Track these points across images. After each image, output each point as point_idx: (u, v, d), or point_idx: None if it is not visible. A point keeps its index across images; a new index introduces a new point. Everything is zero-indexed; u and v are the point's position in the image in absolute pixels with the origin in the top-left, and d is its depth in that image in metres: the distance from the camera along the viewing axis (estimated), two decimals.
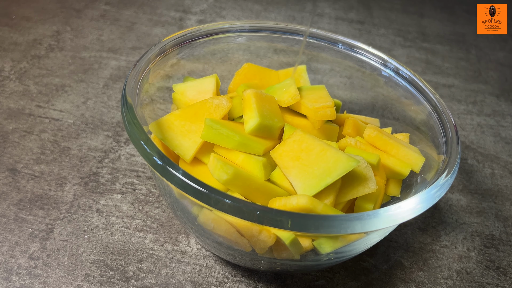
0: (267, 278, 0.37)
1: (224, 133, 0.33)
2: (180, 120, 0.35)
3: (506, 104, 0.65)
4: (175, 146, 0.34)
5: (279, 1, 0.84)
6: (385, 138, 0.37)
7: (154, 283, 0.35)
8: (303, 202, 0.29)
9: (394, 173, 0.36)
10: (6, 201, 0.40)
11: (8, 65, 0.57)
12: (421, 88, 0.41)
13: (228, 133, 0.33)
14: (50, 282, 0.35)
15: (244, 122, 0.35)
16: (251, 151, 0.34)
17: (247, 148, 0.34)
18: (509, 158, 0.54)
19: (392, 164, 0.36)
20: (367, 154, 0.35)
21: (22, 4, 0.71)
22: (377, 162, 0.34)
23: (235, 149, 0.34)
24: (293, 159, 0.32)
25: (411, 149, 0.38)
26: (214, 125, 0.33)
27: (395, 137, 0.39)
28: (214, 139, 0.34)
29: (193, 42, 0.42)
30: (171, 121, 0.35)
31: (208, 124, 0.33)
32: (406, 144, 0.39)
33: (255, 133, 0.34)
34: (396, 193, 0.37)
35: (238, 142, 0.33)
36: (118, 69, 0.59)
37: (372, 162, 0.34)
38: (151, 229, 0.40)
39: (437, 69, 0.71)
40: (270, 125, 0.35)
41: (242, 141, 0.33)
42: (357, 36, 0.77)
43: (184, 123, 0.35)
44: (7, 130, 0.48)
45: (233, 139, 0.33)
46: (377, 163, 0.34)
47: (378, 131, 0.37)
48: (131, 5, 0.76)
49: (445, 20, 0.87)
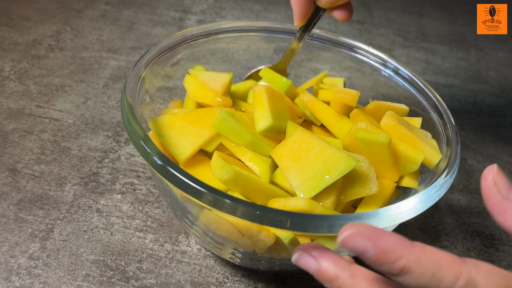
0: (267, 278, 0.37)
1: (237, 128, 0.33)
2: (182, 121, 0.35)
3: (506, 104, 0.65)
4: (171, 144, 0.34)
5: (279, 1, 0.84)
6: (403, 130, 0.35)
7: (154, 283, 0.35)
8: (301, 204, 0.29)
9: (406, 160, 0.34)
10: (6, 201, 0.40)
11: (8, 65, 0.57)
12: (421, 88, 0.41)
13: (241, 130, 0.33)
14: (50, 282, 0.35)
15: (255, 120, 0.35)
16: (259, 151, 0.34)
17: (256, 148, 0.34)
18: (509, 158, 0.54)
19: (405, 149, 0.33)
20: (377, 134, 0.32)
21: (22, 4, 0.71)
22: (388, 141, 0.32)
23: (244, 146, 0.34)
24: (292, 159, 0.32)
25: (429, 144, 0.35)
26: (228, 118, 0.33)
27: (416, 129, 0.37)
28: (226, 132, 0.34)
29: (193, 42, 0.42)
30: (172, 121, 0.35)
31: (223, 116, 0.33)
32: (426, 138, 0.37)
33: (265, 133, 0.34)
34: (414, 184, 0.35)
35: (248, 141, 0.33)
36: (118, 69, 0.59)
37: (382, 142, 0.31)
38: (151, 229, 0.40)
39: (437, 69, 0.71)
40: (280, 125, 0.35)
41: (252, 140, 0.34)
42: (357, 36, 0.77)
43: (186, 124, 0.35)
44: (7, 130, 0.48)
45: (244, 137, 0.33)
46: (387, 143, 0.32)
47: (397, 121, 0.35)
48: (131, 5, 0.76)
49: (445, 20, 0.87)
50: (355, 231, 0.21)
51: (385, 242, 0.21)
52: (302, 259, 0.25)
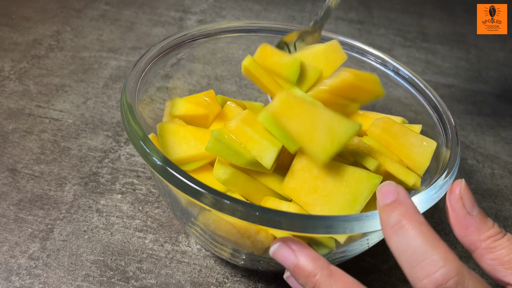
0: (267, 278, 0.37)
1: (231, 151, 0.30)
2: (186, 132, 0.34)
3: (506, 104, 0.65)
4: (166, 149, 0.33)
5: (279, 1, 0.84)
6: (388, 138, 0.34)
7: (154, 283, 0.35)
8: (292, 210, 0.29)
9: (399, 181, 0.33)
10: (6, 201, 0.40)
11: (8, 65, 0.57)
12: (421, 88, 0.41)
13: (237, 152, 0.30)
14: (50, 282, 0.35)
15: (258, 156, 0.30)
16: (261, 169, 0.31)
17: (257, 167, 0.31)
18: (509, 158, 0.54)
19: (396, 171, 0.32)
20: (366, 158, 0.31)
21: (22, 4, 0.71)
22: (375, 168, 0.31)
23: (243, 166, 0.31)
24: (310, 192, 0.29)
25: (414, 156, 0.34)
26: (222, 138, 0.30)
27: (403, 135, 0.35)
28: (221, 154, 0.31)
29: (193, 42, 0.42)
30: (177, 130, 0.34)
31: (216, 137, 0.30)
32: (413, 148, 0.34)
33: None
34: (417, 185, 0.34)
35: (248, 161, 0.30)
36: (118, 69, 0.59)
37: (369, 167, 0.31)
38: (151, 229, 0.40)
39: (437, 69, 0.71)
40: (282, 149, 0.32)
41: (252, 160, 0.30)
42: (357, 36, 0.77)
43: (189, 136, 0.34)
44: (7, 130, 0.48)
45: (241, 158, 0.30)
46: (375, 170, 0.31)
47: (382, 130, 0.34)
48: (131, 5, 0.76)
49: (445, 20, 0.87)
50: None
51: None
52: (281, 251, 0.25)
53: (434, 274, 0.20)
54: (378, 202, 0.24)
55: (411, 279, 0.21)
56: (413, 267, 0.21)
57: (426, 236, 0.21)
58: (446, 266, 0.20)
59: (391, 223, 0.22)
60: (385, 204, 0.23)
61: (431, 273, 0.20)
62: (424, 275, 0.20)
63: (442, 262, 0.20)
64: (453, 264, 0.21)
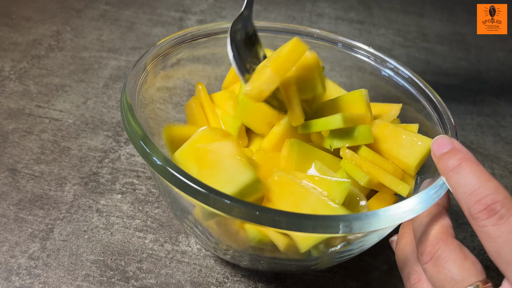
0: (267, 278, 0.37)
1: None
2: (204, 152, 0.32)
3: (506, 104, 0.65)
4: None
5: (279, 1, 0.84)
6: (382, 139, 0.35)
7: (154, 283, 0.35)
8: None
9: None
10: (6, 201, 0.40)
11: (8, 65, 0.57)
12: (421, 88, 0.41)
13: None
14: (50, 282, 0.35)
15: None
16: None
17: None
18: (509, 158, 0.54)
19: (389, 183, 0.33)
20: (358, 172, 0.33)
21: (22, 4, 0.71)
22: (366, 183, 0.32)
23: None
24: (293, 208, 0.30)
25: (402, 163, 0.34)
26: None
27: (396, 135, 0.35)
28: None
29: (193, 42, 0.42)
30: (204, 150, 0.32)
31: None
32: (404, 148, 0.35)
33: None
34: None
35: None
36: (118, 69, 0.59)
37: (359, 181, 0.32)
38: (151, 229, 0.40)
39: (437, 69, 0.71)
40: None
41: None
42: (357, 36, 0.77)
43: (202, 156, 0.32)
44: (7, 130, 0.48)
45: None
46: (366, 184, 0.33)
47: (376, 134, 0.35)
48: (131, 5, 0.76)
49: (445, 20, 0.87)
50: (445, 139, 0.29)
51: (457, 144, 0.28)
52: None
53: (485, 198, 0.24)
54: (435, 152, 0.28)
55: (465, 206, 0.25)
56: (468, 195, 0.25)
57: (482, 173, 0.25)
58: (495, 193, 0.24)
59: (451, 166, 0.26)
60: (442, 153, 0.28)
61: (482, 197, 0.24)
62: (476, 199, 0.25)
63: (493, 190, 0.24)
64: (502, 193, 0.24)
